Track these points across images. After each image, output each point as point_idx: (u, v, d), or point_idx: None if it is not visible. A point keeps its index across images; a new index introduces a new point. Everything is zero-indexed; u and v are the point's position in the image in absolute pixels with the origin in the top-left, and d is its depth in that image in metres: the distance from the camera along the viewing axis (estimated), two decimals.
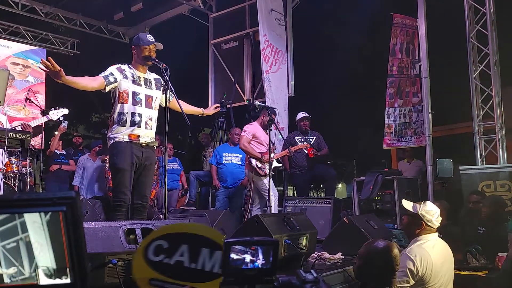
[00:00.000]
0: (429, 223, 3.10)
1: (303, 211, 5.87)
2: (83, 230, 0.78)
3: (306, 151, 6.45)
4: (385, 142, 6.84)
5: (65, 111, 5.51)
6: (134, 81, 3.75)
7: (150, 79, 3.88)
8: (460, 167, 6.19)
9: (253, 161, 5.54)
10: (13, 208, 0.75)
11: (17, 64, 10.21)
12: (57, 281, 0.77)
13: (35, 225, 0.76)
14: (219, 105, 4.60)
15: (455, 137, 8.54)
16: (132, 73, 3.77)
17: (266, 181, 5.47)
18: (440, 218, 3.16)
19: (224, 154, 6.86)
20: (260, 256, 1.02)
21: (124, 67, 3.78)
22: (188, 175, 7.77)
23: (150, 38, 3.79)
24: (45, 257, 0.77)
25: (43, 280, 0.77)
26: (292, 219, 4.05)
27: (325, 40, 9.47)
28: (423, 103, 6.65)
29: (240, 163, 6.67)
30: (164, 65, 3.61)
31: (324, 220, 5.67)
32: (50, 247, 0.77)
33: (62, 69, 3.23)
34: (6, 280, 0.76)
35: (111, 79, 3.65)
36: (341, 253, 4.02)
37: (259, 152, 5.59)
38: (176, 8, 9.70)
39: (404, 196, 5.90)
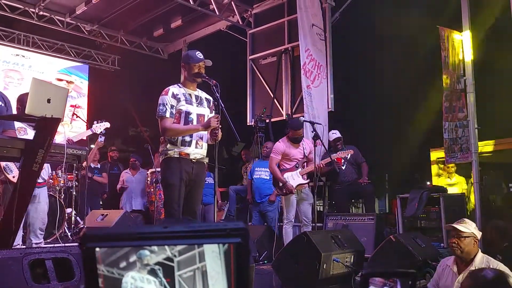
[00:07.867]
0: None
1: (345, 227, 5.78)
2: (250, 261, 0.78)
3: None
4: (445, 157, 6.64)
5: (107, 124, 5.62)
6: (186, 101, 3.76)
7: (201, 97, 3.89)
8: (510, 185, 5.98)
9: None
10: (190, 239, 0.77)
11: (61, 80, 10.59)
12: None
13: (213, 255, 0.77)
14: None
15: (503, 153, 8.24)
16: (183, 93, 3.78)
17: (291, 199, 5.40)
18: None
19: (256, 169, 6.89)
20: None
21: (174, 89, 3.77)
22: (227, 190, 7.80)
23: (199, 55, 3.81)
24: (219, 286, 0.78)
25: None
26: (339, 236, 4.00)
27: (364, 54, 9.39)
28: (468, 119, 6.46)
29: (268, 177, 6.63)
30: (214, 81, 3.61)
31: (366, 237, 5.56)
32: (225, 277, 0.78)
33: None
34: None
35: (173, 111, 3.70)
36: None
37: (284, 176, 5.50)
38: (215, 24, 9.81)
39: (451, 213, 5.72)
